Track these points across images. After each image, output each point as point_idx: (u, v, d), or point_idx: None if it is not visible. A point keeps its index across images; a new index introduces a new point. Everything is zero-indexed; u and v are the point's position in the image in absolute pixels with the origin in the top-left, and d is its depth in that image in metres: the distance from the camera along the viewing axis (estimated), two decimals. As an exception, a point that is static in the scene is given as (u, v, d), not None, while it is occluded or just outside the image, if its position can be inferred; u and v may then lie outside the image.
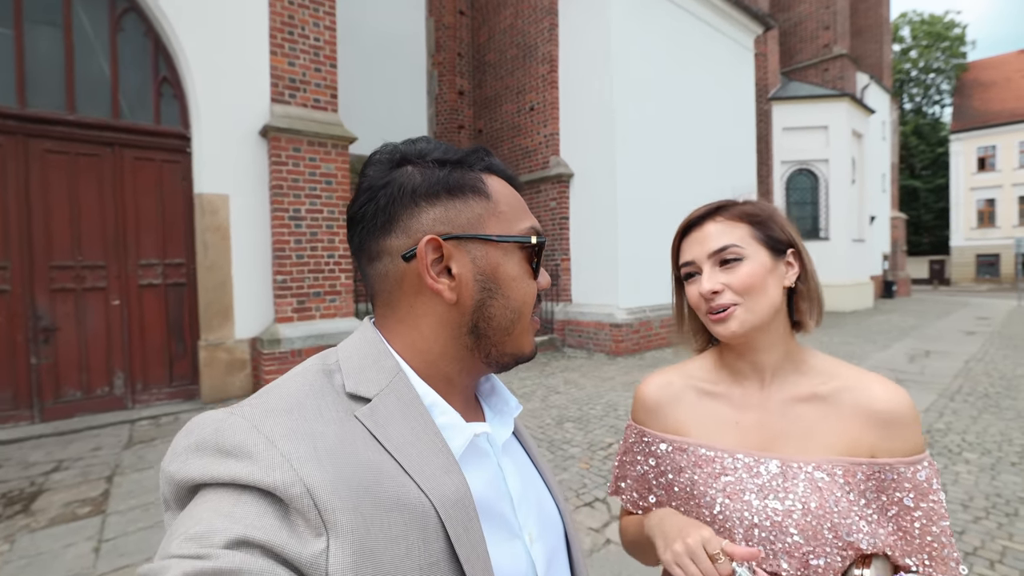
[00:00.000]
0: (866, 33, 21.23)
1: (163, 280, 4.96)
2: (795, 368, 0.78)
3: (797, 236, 0.79)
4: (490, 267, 0.53)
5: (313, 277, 5.39)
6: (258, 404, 0.45)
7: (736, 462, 0.75)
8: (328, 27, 5.69)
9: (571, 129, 8.28)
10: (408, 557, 0.41)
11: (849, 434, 0.72)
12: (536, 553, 0.55)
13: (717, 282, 0.74)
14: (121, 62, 4.80)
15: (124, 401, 4.75)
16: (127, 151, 4.77)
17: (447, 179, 0.52)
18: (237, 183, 5.13)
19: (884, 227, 20.52)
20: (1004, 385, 5.98)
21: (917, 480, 0.69)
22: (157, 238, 4.93)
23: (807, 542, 0.67)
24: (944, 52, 39.72)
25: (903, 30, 40.75)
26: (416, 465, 0.46)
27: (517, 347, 0.56)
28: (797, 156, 14.96)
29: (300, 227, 5.31)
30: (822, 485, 0.69)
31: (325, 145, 5.51)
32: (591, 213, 7.96)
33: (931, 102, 41.79)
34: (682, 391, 0.84)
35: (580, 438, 4.13)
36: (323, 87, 5.66)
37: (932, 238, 39.33)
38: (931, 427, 4.43)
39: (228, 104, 5.07)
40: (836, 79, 16.80)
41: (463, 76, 10.44)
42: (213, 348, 4.99)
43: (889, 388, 0.73)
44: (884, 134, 20.34)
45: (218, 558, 0.34)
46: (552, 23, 8.41)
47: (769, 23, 11.30)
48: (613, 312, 7.59)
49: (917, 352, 8.20)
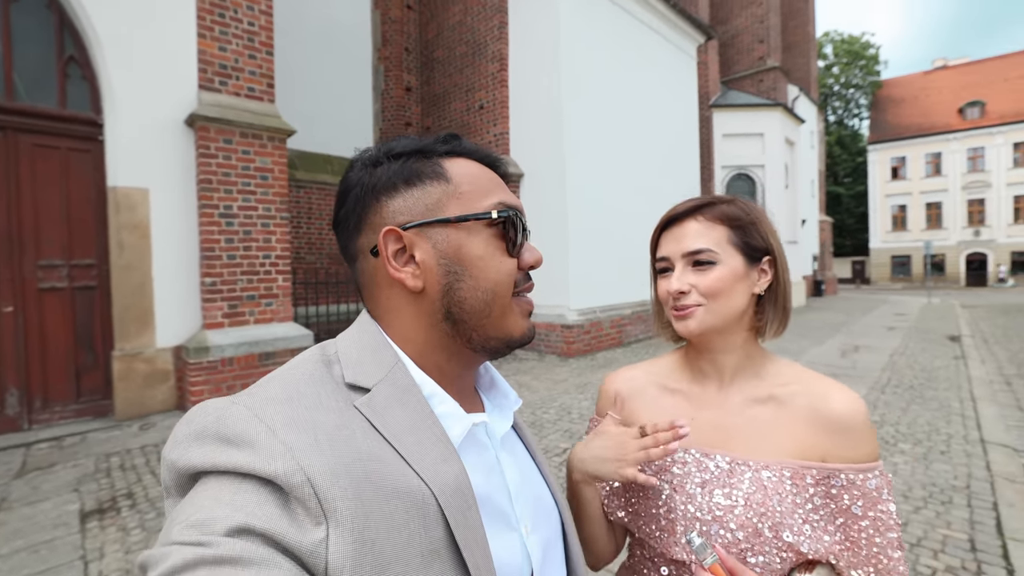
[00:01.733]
0: (795, 48, 22.52)
1: (69, 283, 4.37)
2: (755, 371, 0.78)
3: (777, 244, 0.78)
4: (452, 249, 0.53)
5: (247, 279, 4.93)
6: (258, 393, 0.45)
7: (687, 456, 0.75)
8: (264, 11, 5.25)
9: (521, 128, 8.15)
10: (409, 544, 0.42)
11: (802, 437, 0.72)
12: (532, 545, 0.55)
13: (686, 283, 0.75)
14: (16, 37, 4.20)
15: (18, 422, 4.12)
16: (23, 136, 4.17)
17: (402, 170, 0.53)
18: (159, 176, 4.62)
19: (813, 230, 21.71)
20: (925, 377, 6.29)
21: (867, 488, 0.68)
22: (62, 236, 4.34)
23: (746, 539, 0.67)
24: (861, 69, 42.92)
25: (827, 47, 43.77)
26: (415, 454, 0.46)
27: (502, 330, 0.55)
28: (736, 161, 15.53)
29: (232, 225, 4.84)
30: (768, 484, 0.69)
31: (260, 137, 5.06)
32: (541, 213, 7.85)
33: (851, 115, 45.02)
34: (644, 386, 0.86)
35: (534, 443, 3.91)
36: (258, 75, 5.21)
37: (854, 240, 42.32)
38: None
39: (149, 89, 4.55)
40: (770, 90, 17.68)
41: (410, 72, 10.07)
42: (129, 358, 4.44)
43: (846, 395, 0.73)
44: (812, 143, 21.58)
45: (219, 545, 0.34)
46: (502, 21, 8.25)
47: (711, 33, 11.69)
48: (564, 313, 7.52)
49: (847, 347, 8.58)
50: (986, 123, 32.98)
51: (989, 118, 33.18)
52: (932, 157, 34.92)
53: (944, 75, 38.26)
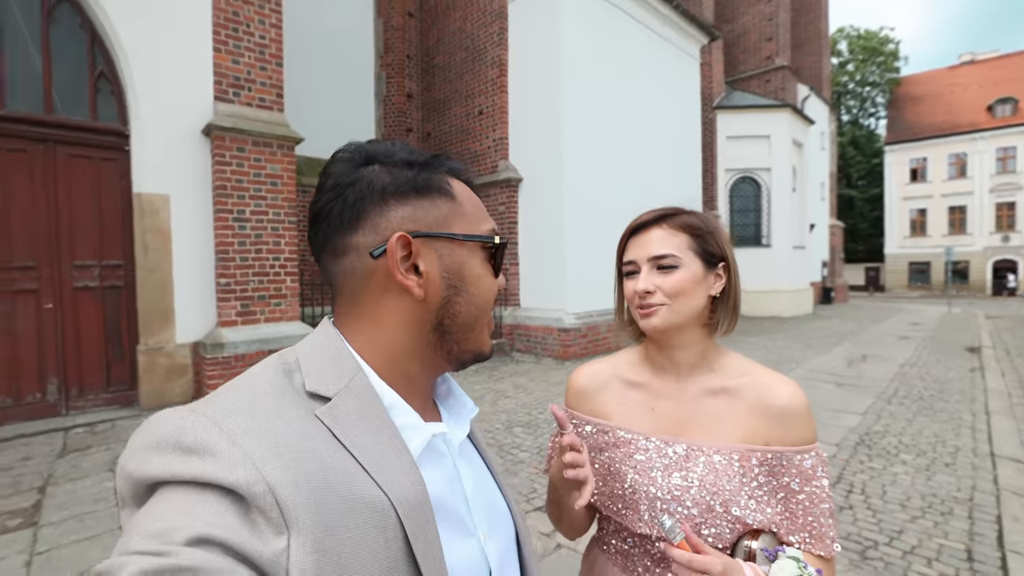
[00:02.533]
0: (806, 46, 22.73)
1: (100, 282, 5.05)
2: (709, 366, 0.93)
3: (731, 252, 0.93)
4: (456, 265, 0.58)
5: (258, 280, 5.58)
6: (218, 402, 0.46)
7: (649, 444, 0.90)
8: (274, 24, 5.90)
9: (520, 133, 8.72)
10: (370, 556, 0.44)
11: (749, 424, 0.86)
12: (490, 550, 0.59)
13: (651, 283, 0.88)
14: (55, 55, 4.87)
15: (58, 408, 4.81)
16: (61, 148, 4.85)
17: (415, 179, 0.57)
18: (179, 183, 5.28)
19: (823, 235, 22.00)
20: (937, 388, 6.48)
21: (803, 467, 0.83)
22: (94, 239, 5.02)
23: (700, 514, 0.82)
24: (879, 66, 42.74)
25: (841, 44, 43.65)
26: (376, 465, 0.48)
27: (477, 345, 0.62)
28: (740, 164, 15.96)
29: (244, 229, 5.50)
30: (719, 467, 0.84)
31: (271, 145, 5.71)
32: (540, 218, 8.41)
33: (867, 114, 45.01)
34: (609, 380, 1.00)
35: (530, 443, 4.35)
36: (268, 86, 5.86)
37: (868, 246, 42.00)
38: (869, 429, 4.82)
39: (169, 101, 5.20)
40: (778, 90, 18.02)
41: (411, 78, 10.76)
42: (153, 353, 5.11)
43: (788, 386, 0.88)
44: (823, 144, 21.88)
45: (178, 555, 0.35)
46: (502, 27, 8.83)
47: (714, 33, 12.05)
48: (561, 317, 8.04)
49: (855, 357, 8.78)
50: (1018, 121, 32.25)
51: (1022, 115, 32.38)
52: (956, 158, 34.32)
53: (971, 70, 37.60)
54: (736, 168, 16.01)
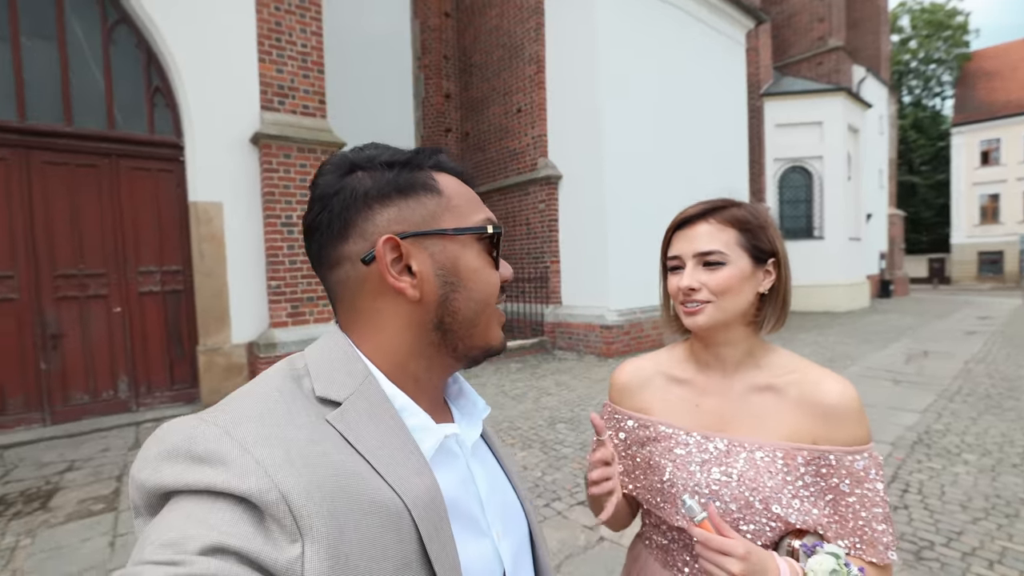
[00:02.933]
0: (863, 24, 21.54)
1: (161, 287, 5.39)
2: (756, 363, 0.91)
3: (782, 247, 0.90)
4: (449, 261, 0.57)
5: (306, 282, 5.82)
6: (229, 410, 0.47)
7: (689, 438, 0.89)
8: (315, 33, 6.10)
9: (559, 130, 8.68)
10: (383, 559, 0.44)
11: (795, 422, 0.84)
12: (504, 550, 0.60)
13: (696, 280, 0.86)
14: (114, 73, 5.21)
15: (129, 404, 5.20)
16: (123, 161, 5.19)
17: (396, 180, 0.56)
18: (230, 191, 5.55)
19: (881, 225, 20.96)
20: (1007, 386, 6.13)
21: (854, 468, 0.80)
22: (155, 246, 5.36)
23: (739, 510, 0.81)
24: (946, 42, 40.05)
25: (902, 20, 41.22)
26: (388, 467, 0.49)
27: (484, 339, 0.61)
28: (790, 153, 15.37)
29: (292, 233, 5.73)
30: (760, 464, 0.82)
31: (315, 151, 5.91)
32: (580, 215, 8.36)
33: (931, 94, 42.34)
34: (652, 376, 1.00)
35: (572, 439, 4.41)
36: (311, 93, 6.07)
37: (932, 236, 39.79)
38: (929, 428, 4.65)
39: (219, 112, 5.47)
40: (831, 73, 17.15)
41: (449, 79, 10.88)
42: (211, 353, 5.42)
43: (838, 384, 0.85)
44: (882, 128, 20.74)
45: (192, 564, 0.35)
46: (538, 23, 8.79)
47: (761, 17, 11.67)
48: (603, 314, 7.99)
49: (915, 352, 8.43)
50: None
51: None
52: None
53: (1052, 41, 34.82)
54: (785, 157, 15.44)
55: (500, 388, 6.28)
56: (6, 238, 4.65)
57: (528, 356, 8.26)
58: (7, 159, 4.66)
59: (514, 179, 9.33)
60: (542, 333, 8.79)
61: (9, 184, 4.67)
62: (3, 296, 4.65)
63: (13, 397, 4.67)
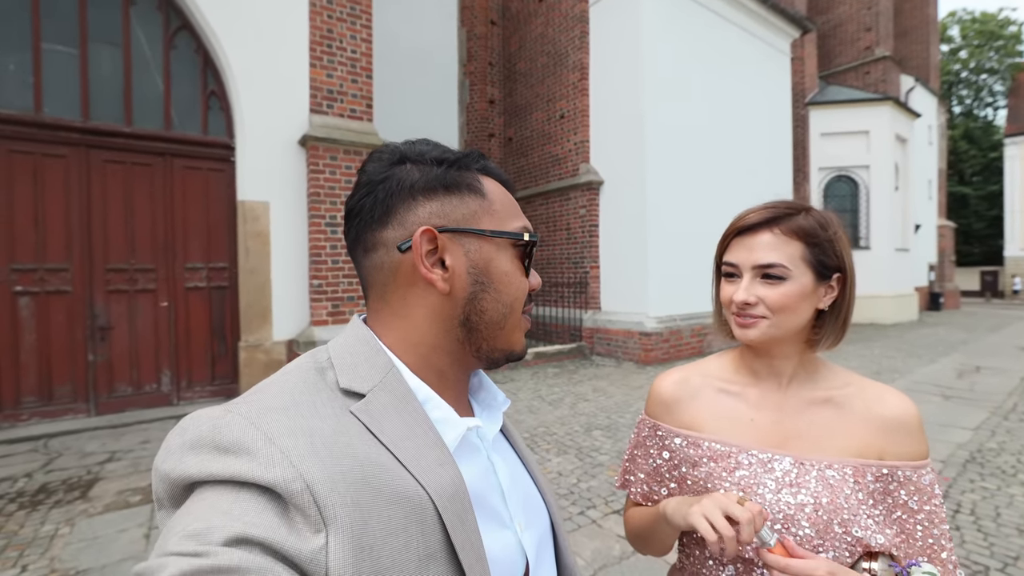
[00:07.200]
0: (911, 34, 20.63)
1: (207, 283, 5.28)
2: (808, 376, 0.82)
3: (849, 262, 0.79)
4: (483, 261, 0.56)
5: (347, 282, 5.64)
6: (253, 401, 0.45)
7: (750, 458, 0.78)
8: (365, 39, 5.98)
9: (601, 136, 8.40)
10: (407, 549, 0.43)
11: (860, 437, 0.77)
12: (526, 541, 0.58)
13: (753, 294, 0.77)
14: (173, 77, 5.16)
15: (170, 398, 5.08)
16: (177, 160, 5.12)
17: (444, 176, 0.56)
18: (277, 190, 5.44)
19: (931, 236, 19.90)
20: None
21: (922, 484, 0.74)
22: (202, 243, 5.25)
23: (818, 535, 0.71)
24: (998, 51, 38.47)
25: (952, 30, 39.62)
26: (412, 459, 0.47)
27: (508, 343, 0.59)
28: (836, 162, 14.68)
29: (336, 233, 5.58)
30: (833, 483, 0.74)
31: (361, 153, 5.76)
32: (621, 221, 8.04)
33: (983, 104, 40.40)
34: (700, 388, 0.88)
35: (608, 446, 4.17)
36: (359, 97, 5.94)
37: (984, 248, 37.75)
38: (982, 446, 4.29)
39: (270, 115, 5.38)
40: (878, 82, 16.40)
41: (494, 85, 10.70)
42: (252, 349, 5.28)
43: (899, 397, 0.79)
44: (931, 139, 19.78)
45: (217, 555, 0.34)
46: (583, 31, 8.56)
47: (807, 26, 11.23)
48: (643, 320, 7.63)
49: (967, 367, 7.90)
50: None
51: None
52: (1092, 148, 29.97)
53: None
54: (831, 166, 14.70)
55: (536, 392, 5.98)
56: (63, 233, 4.61)
57: (566, 361, 7.92)
58: (68, 156, 4.63)
59: (556, 184, 9.07)
60: (580, 338, 8.44)
61: (69, 181, 4.64)
62: (57, 288, 4.60)
63: (61, 385, 4.61)
